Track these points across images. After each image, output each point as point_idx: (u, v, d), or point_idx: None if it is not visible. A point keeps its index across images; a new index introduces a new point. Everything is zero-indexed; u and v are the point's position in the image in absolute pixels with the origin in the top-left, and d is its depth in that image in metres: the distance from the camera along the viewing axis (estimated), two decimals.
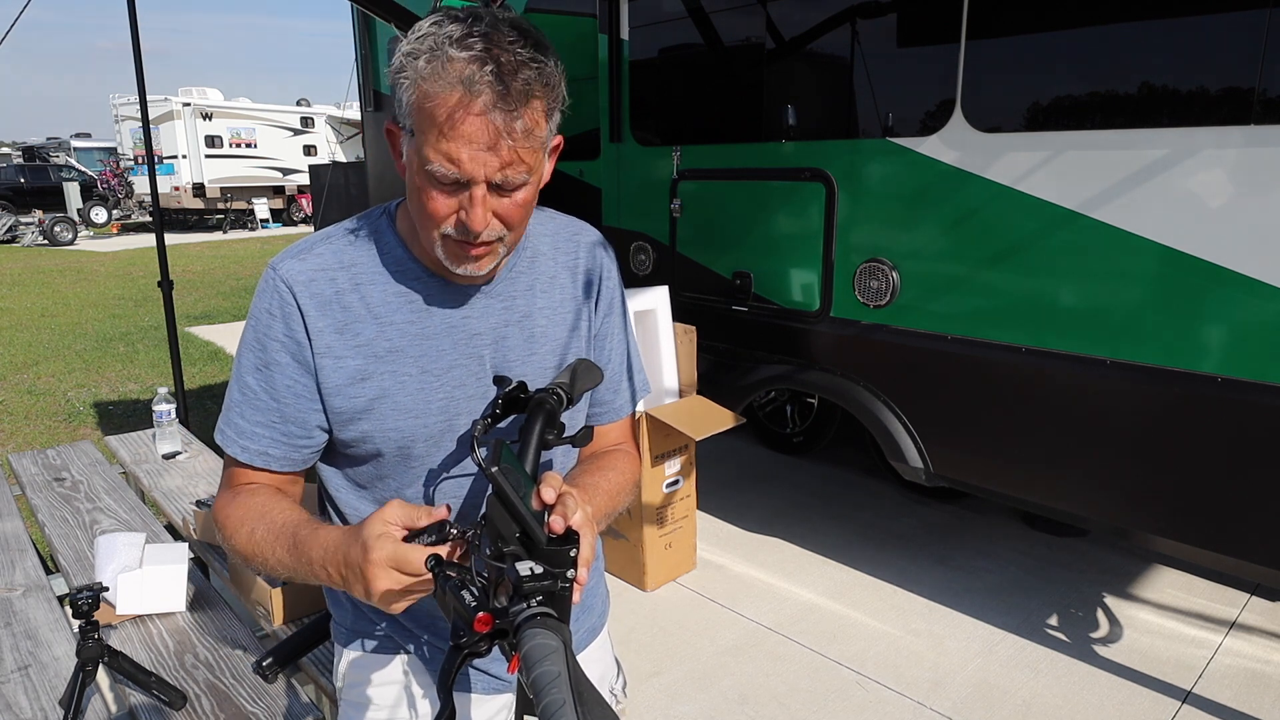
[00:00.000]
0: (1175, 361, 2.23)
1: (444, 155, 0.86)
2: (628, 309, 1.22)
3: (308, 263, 0.99)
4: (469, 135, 0.85)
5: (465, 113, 0.84)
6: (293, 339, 0.98)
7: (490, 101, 0.84)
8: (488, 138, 0.85)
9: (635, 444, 1.25)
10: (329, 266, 1.00)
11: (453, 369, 1.03)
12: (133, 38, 3.82)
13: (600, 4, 3.66)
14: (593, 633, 1.27)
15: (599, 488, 1.06)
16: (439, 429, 1.03)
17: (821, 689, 2.56)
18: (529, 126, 0.87)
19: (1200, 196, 2.14)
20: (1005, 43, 2.48)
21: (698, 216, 3.46)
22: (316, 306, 0.98)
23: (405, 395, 1.01)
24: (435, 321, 1.02)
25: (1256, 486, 2.14)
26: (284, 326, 0.98)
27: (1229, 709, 2.44)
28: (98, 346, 7.50)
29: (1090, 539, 3.46)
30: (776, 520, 3.70)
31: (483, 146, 0.86)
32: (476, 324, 1.04)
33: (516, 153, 0.87)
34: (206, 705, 1.58)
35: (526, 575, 0.75)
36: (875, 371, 2.92)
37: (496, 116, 0.85)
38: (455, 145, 0.86)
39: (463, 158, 0.86)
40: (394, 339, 1.00)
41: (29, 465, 2.82)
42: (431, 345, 1.02)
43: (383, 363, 1.00)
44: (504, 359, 1.06)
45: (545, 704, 0.63)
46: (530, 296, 1.09)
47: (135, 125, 19.12)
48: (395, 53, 0.88)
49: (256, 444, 1.01)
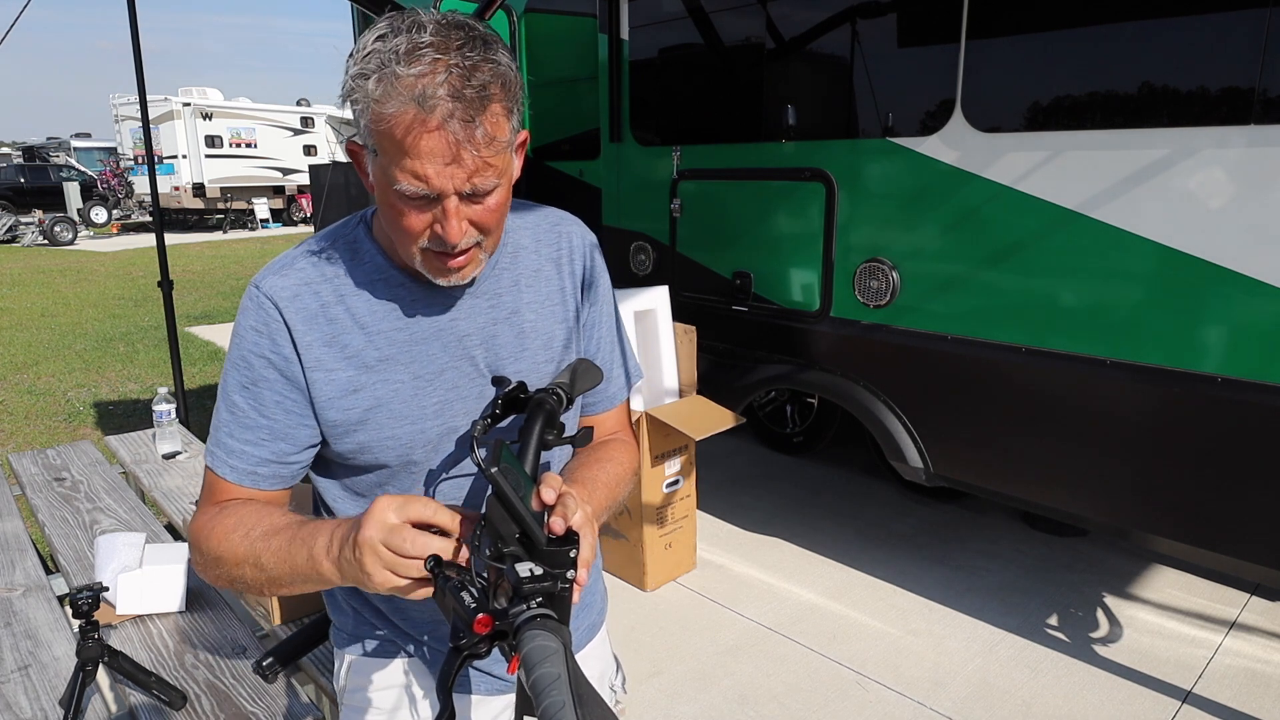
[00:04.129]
0: (1175, 361, 2.23)
1: (410, 174, 0.85)
2: (613, 295, 1.21)
3: (290, 278, 0.98)
4: (431, 151, 0.83)
5: (423, 129, 0.82)
6: (280, 354, 0.97)
7: (447, 113, 0.82)
8: (450, 151, 0.84)
9: (631, 430, 1.23)
10: (312, 280, 0.99)
11: (445, 372, 1.02)
12: (133, 38, 3.82)
13: (600, 4, 3.66)
14: (592, 630, 1.26)
15: (597, 481, 1.05)
16: (437, 434, 1.03)
17: (821, 689, 2.56)
18: (490, 132, 0.85)
19: (1200, 196, 2.14)
20: (1005, 43, 2.48)
21: (698, 216, 3.46)
22: (303, 321, 0.97)
23: (400, 403, 1.00)
24: (423, 326, 1.01)
25: (1256, 486, 2.14)
26: (270, 343, 0.97)
27: (1229, 709, 2.44)
28: (98, 346, 7.50)
29: (1090, 539, 3.46)
30: (776, 520, 3.70)
31: (447, 160, 0.84)
32: (464, 325, 1.03)
33: (482, 159, 0.86)
34: (206, 705, 1.58)
35: (526, 576, 0.75)
36: (875, 371, 2.92)
37: (456, 128, 0.83)
38: (419, 163, 0.84)
39: (429, 174, 0.85)
40: (383, 347, 0.99)
41: (29, 465, 2.82)
42: (421, 350, 1.01)
43: (374, 372, 0.99)
44: (496, 357, 1.06)
45: (545, 705, 0.63)
46: (516, 292, 1.08)
47: (135, 125, 19.12)
48: (344, 72, 0.86)
49: (245, 463, 0.99)
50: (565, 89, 4.81)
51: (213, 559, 0.95)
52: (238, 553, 0.93)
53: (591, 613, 1.26)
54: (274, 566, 0.90)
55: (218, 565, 0.95)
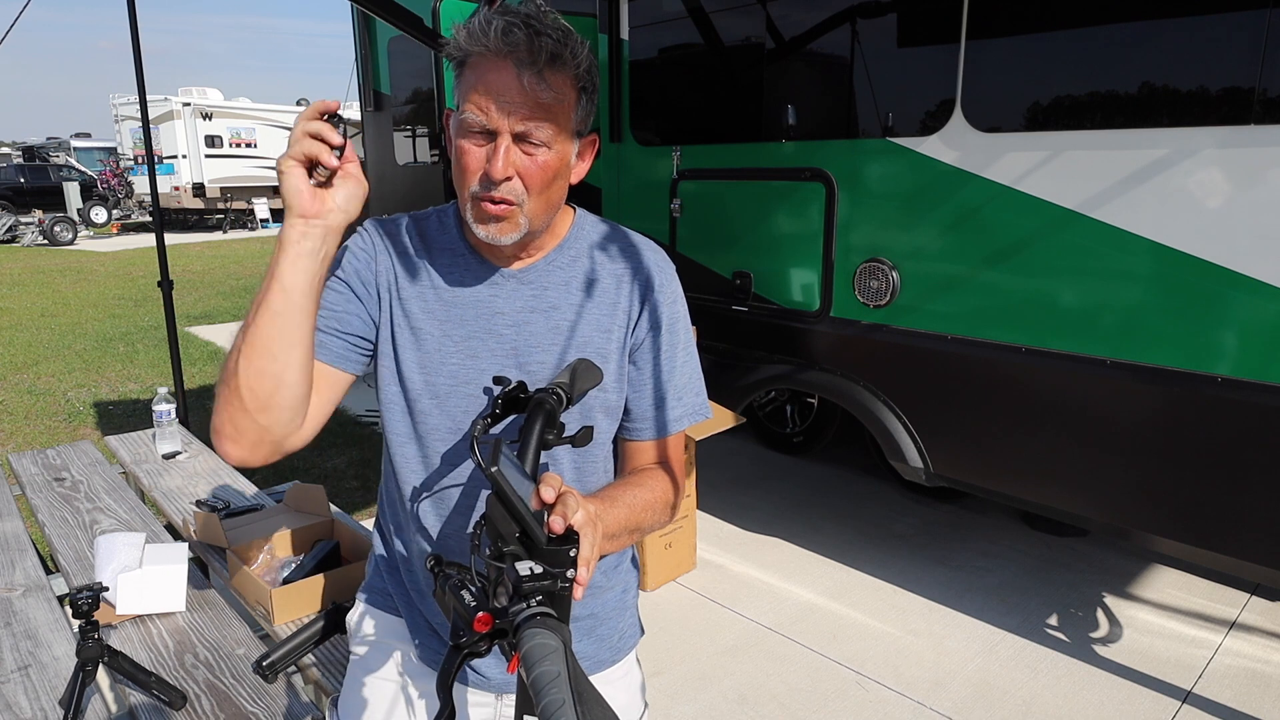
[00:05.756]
0: (1175, 361, 2.23)
1: (475, 105, 0.97)
2: (687, 331, 1.21)
3: (388, 222, 1.15)
4: (499, 87, 0.96)
5: (498, 68, 0.96)
6: (363, 257, 1.11)
7: (521, 59, 0.95)
8: (516, 92, 0.96)
9: (675, 466, 1.19)
10: (404, 230, 1.14)
11: (470, 339, 1.10)
12: (133, 38, 3.81)
13: (600, 4, 3.66)
14: (599, 664, 1.23)
15: (619, 499, 1.04)
16: (445, 389, 1.09)
17: (821, 689, 2.56)
18: (556, 91, 0.98)
19: (1200, 196, 2.14)
20: (1005, 43, 2.48)
21: (698, 216, 3.46)
22: (395, 250, 1.12)
23: (422, 351, 1.10)
24: (465, 293, 1.11)
25: (1256, 486, 2.14)
26: (360, 248, 1.12)
27: (1229, 709, 2.44)
28: (98, 346, 7.50)
29: (1090, 539, 3.46)
30: (776, 520, 3.70)
31: (511, 99, 0.96)
32: (501, 304, 1.11)
33: (543, 110, 0.97)
34: (206, 705, 1.58)
35: (526, 575, 0.75)
36: (875, 371, 2.92)
37: (525, 74, 0.96)
38: (485, 97, 0.97)
39: (491, 107, 0.96)
40: (429, 301, 1.11)
41: (29, 465, 2.82)
42: (455, 313, 1.11)
43: (414, 319, 1.10)
44: (526, 343, 1.10)
45: (545, 704, 0.63)
46: (564, 291, 1.12)
47: (135, 125, 19.12)
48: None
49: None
50: None
51: (223, 378, 0.97)
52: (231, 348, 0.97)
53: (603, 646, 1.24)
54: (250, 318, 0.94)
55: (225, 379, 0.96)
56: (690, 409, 1.20)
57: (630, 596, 1.31)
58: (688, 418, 1.20)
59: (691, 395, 1.21)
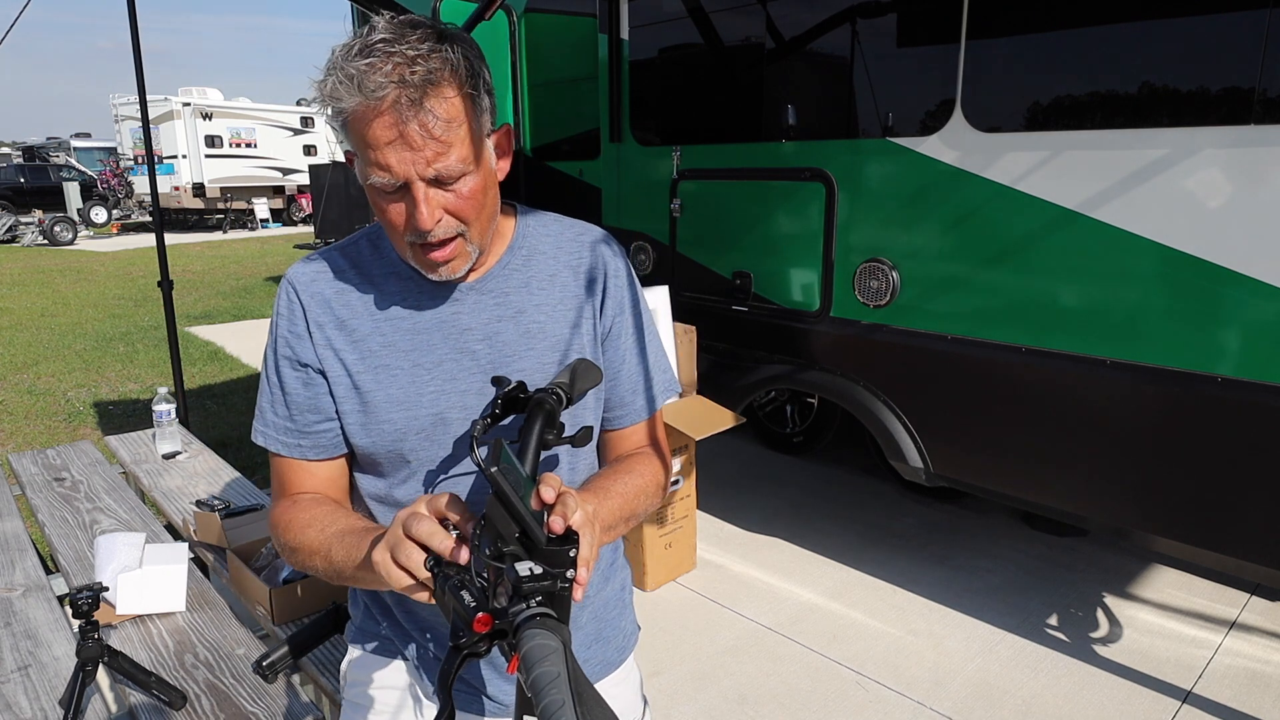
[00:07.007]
0: (1175, 361, 2.23)
1: (375, 165, 0.89)
2: (645, 308, 1.20)
3: (313, 266, 1.07)
4: (387, 138, 0.87)
5: (376, 118, 0.87)
6: (295, 333, 1.05)
7: (394, 99, 0.86)
8: (404, 136, 0.87)
9: (660, 447, 1.20)
10: (334, 269, 1.07)
11: (443, 363, 1.05)
12: (133, 38, 3.81)
13: (600, 4, 3.66)
14: (608, 666, 1.23)
15: (611, 491, 1.04)
16: (429, 422, 1.05)
17: (821, 689, 2.56)
18: (445, 115, 0.88)
19: (1200, 196, 2.13)
20: (1005, 43, 2.48)
21: (698, 216, 3.46)
22: (318, 304, 1.05)
23: (396, 388, 1.04)
24: (426, 317, 1.05)
25: (1257, 486, 2.14)
26: (288, 323, 1.05)
27: (1229, 709, 2.44)
28: (98, 346, 7.50)
29: (1090, 539, 3.46)
30: (776, 520, 3.70)
31: (403, 146, 0.88)
32: (467, 319, 1.06)
33: (436, 141, 0.88)
34: (206, 705, 1.58)
35: (526, 575, 0.75)
36: (875, 371, 2.92)
37: (405, 113, 0.86)
38: (380, 152, 0.88)
39: (390, 162, 0.88)
40: (388, 334, 1.05)
41: (29, 465, 2.82)
42: (422, 340, 1.05)
43: (376, 357, 1.04)
44: (500, 354, 1.07)
45: (544, 704, 0.63)
46: (525, 293, 1.09)
47: (135, 125, 19.12)
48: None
49: (282, 435, 1.07)
50: (565, 89, 4.81)
51: (289, 548, 1.03)
52: (312, 545, 0.99)
53: (609, 648, 1.24)
54: (342, 562, 0.96)
55: (294, 554, 1.02)
56: (663, 386, 1.21)
57: (628, 594, 1.32)
58: (662, 395, 1.21)
59: (661, 372, 1.21)
